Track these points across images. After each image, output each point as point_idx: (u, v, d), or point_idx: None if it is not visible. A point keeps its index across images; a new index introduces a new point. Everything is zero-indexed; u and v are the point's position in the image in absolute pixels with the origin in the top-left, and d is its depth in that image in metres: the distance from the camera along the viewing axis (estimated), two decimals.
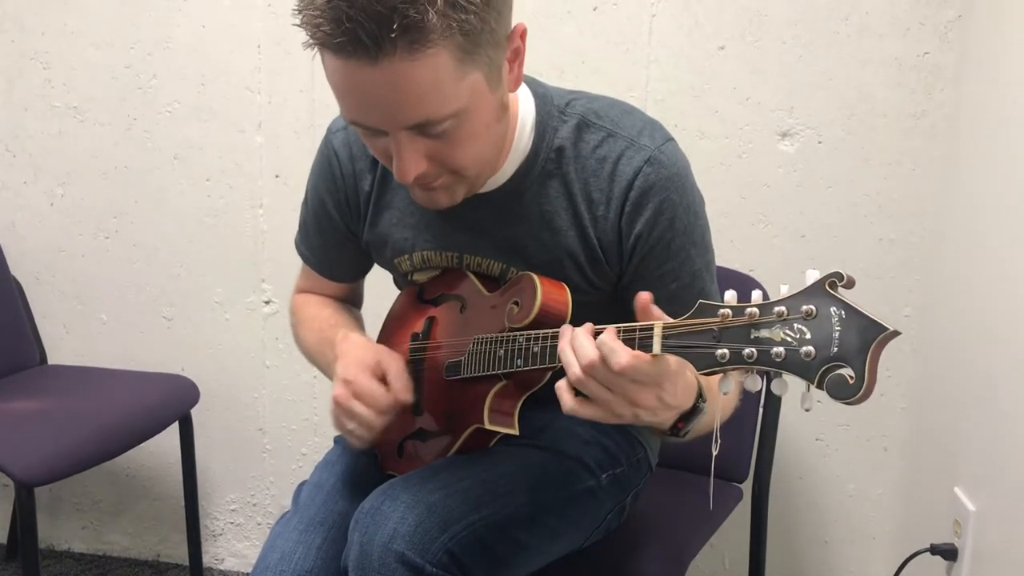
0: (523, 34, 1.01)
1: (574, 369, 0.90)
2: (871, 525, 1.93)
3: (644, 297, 0.90)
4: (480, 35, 0.93)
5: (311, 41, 0.92)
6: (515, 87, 1.05)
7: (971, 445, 1.54)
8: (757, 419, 1.64)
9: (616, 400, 0.90)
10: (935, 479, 1.69)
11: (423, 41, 0.89)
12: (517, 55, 1.02)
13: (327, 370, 1.26)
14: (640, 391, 0.89)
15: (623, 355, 0.87)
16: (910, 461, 1.85)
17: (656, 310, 0.91)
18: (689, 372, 0.94)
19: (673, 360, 0.88)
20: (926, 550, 1.58)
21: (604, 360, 0.88)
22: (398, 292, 1.38)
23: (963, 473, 1.56)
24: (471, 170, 1.04)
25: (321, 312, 1.35)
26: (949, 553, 1.55)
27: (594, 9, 1.83)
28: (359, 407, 1.09)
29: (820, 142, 1.80)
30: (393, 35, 0.87)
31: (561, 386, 0.93)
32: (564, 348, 0.93)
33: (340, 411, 1.10)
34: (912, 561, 1.62)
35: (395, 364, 1.13)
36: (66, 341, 2.21)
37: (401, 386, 1.12)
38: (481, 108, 0.99)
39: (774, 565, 1.93)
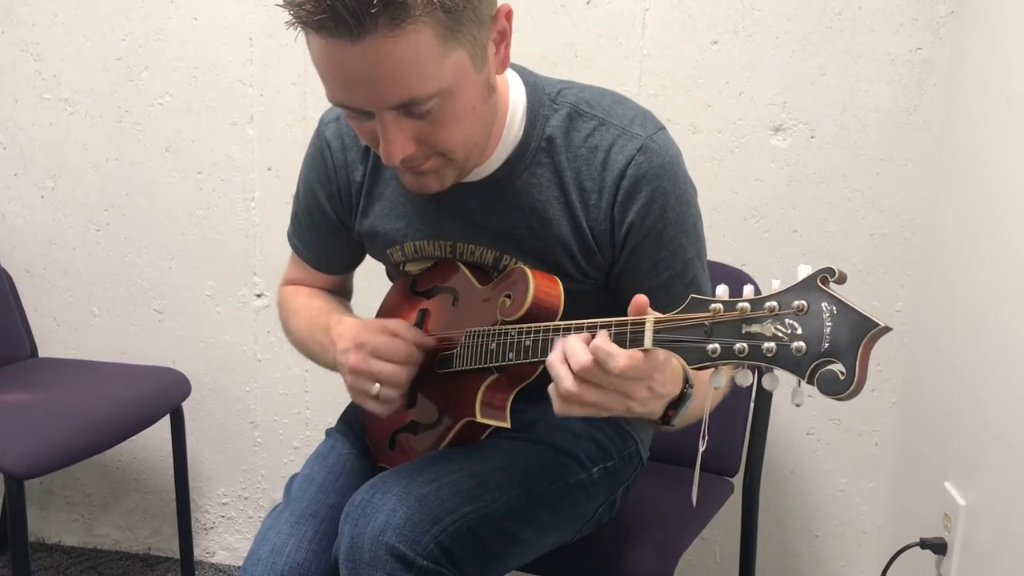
0: (509, 15, 1.01)
1: (565, 384, 0.90)
2: (861, 519, 1.93)
3: (641, 301, 0.90)
4: (462, 12, 0.93)
5: (293, 21, 0.92)
6: (502, 69, 1.05)
7: (961, 440, 1.54)
8: (748, 413, 1.64)
9: (609, 397, 0.90)
10: (925, 473, 1.69)
11: (404, 17, 0.89)
12: (503, 36, 1.02)
13: (320, 356, 1.26)
14: (633, 385, 0.89)
15: (621, 358, 0.87)
16: (900, 455, 1.85)
17: (650, 311, 0.90)
18: (675, 359, 0.94)
19: (662, 350, 0.88)
20: (916, 544, 1.59)
21: (601, 364, 0.87)
22: (389, 284, 1.38)
23: (953, 467, 1.57)
24: (459, 152, 1.04)
25: (311, 302, 1.35)
26: (939, 547, 1.55)
27: (587, 2, 1.83)
28: (380, 364, 1.09)
29: (812, 137, 1.80)
30: (374, 11, 0.87)
31: (553, 390, 0.93)
32: (554, 362, 0.92)
33: (360, 377, 1.10)
34: (902, 555, 1.62)
35: (400, 322, 1.14)
36: (57, 334, 2.20)
37: (416, 334, 1.13)
38: (466, 88, 0.98)
39: (765, 559, 1.94)
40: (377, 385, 1.09)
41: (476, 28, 0.96)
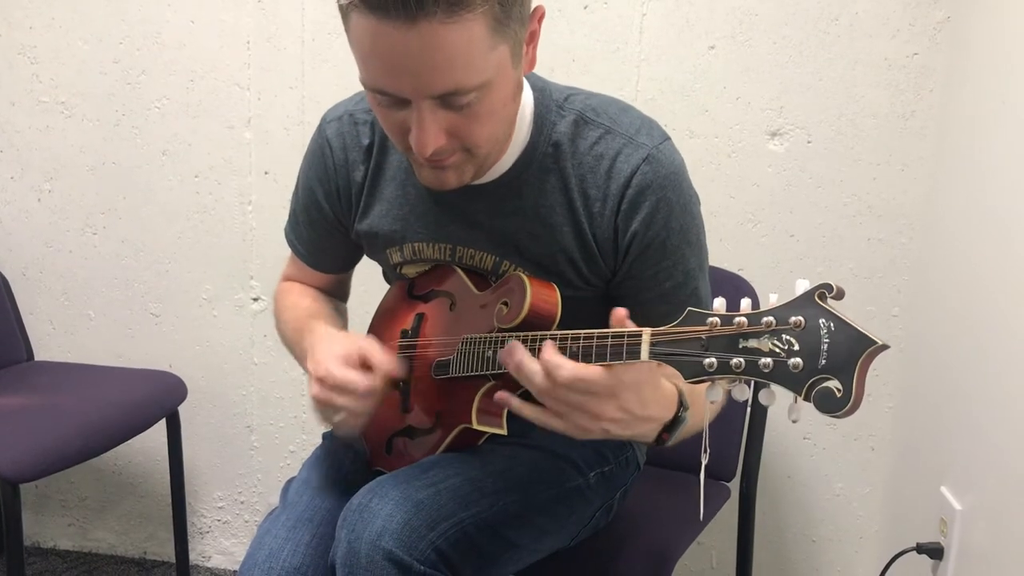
0: (541, 18, 1.02)
1: (537, 380, 0.92)
2: (858, 524, 1.94)
3: (619, 313, 0.91)
4: (512, 7, 0.94)
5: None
6: (529, 69, 1.06)
7: (957, 445, 1.55)
8: (745, 418, 1.64)
9: (576, 413, 0.91)
10: (922, 478, 1.70)
11: (465, 5, 0.89)
12: (533, 38, 1.03)
13: (303, 362, 1.25)
14: (597, 403, 0.90)
15: (565, 369, 0.88)
16: (897, 460, 1.86)
17: (630, 323, 0.91)
18: (666, 382, 0.94)
19: (633, 371, 0.88)
20: (912, 549, 1.59)
21: (549, 374, 0.89)
22: (385, 288, 1.37)
23: (949, 472, 1.57)
24: (483, 148, 1.04)
25: (300, 301, 1.34)
26: (935, 552, 1.56)
27: (585, 7, 1.83)
28: (339, 399, 1.07)
29: (809, 142, 1.80)
30: None
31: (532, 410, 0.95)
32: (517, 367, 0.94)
33: (320, 407, 1.09)
34: (898, 560, 1.63)
35: (373, 346, 1.10)
36: (53, 337, 2.20)
37: (385, 363, 1.08)
38: (503, 83, 0.99)
39: (761, 564, 1.94)
40: (338, 416, 1.08)
41: (519, 25, 0.97)
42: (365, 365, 1.08)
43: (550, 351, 0.90)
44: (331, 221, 1.28)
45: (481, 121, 1.00)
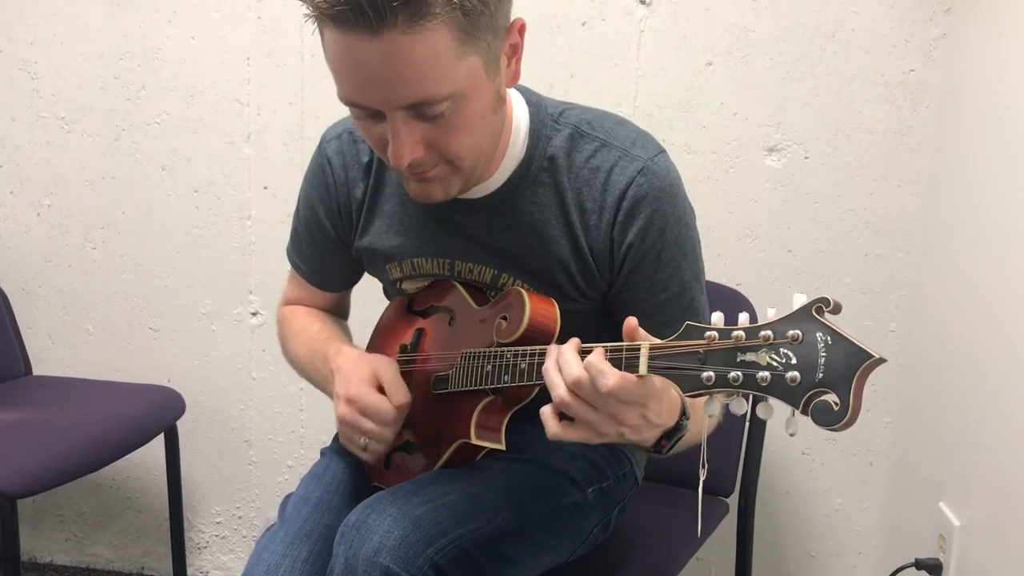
0: (522, 30, 1.02)
1: (559, 391, 0.90)
2: (857, 539, 1.93)
3: (631, 323, 0.90)
4: (480, 18, 0.94)
5: (312, 13, 0.93)
6: (512, 82, 1.06)
7: (956, 460, 1.55)
8: (743, 433, 1.64)
9: (601, 419, 0.90)
10: (920, 494, 1.69)
11: (424, 15, 0.89)
12: (515, 51, 1.03)
13: (321, 384, 1.27)
14: (625, 410, 0.89)
15: (611, 377, 0.87)
16: (895, 476, 1.85)
17: (642, 332, 0.91)
18: (673, 391, 0.94)
19: (658, 379, 0.88)
20: (911, 565, 1.59)
21: (592, 381, 0.88)
22: (384, 302, 1.38)
23: (948, 488, 1.57)
24: (466, 160, 1.04)
25: (310, 324, 1.35)
26: (934, 568, 1.55)
27: (583, 24, 1.84)
28: (367, 423, 1.10)
29: (807, 157, 1.81)
30: (395, 4, 0.88)
31: (546, 412, 0.93)
32: (549, 369, 0.93)
33: (349, 428, 1.12)
34: None
35: (389, 371, 1.14)
36: (52, 352, 2.20)
37: (399, 392, 1.12)
38: (478, 95, 0.99)
39: None
40: (364, 439, 1.12)
41: (491, 36, 0.97)
42: (381, 390, 1.12)
43: (599, 356, 0.89)
44: (333, 239, 1.29)
45: (458, 132, 1.00)
